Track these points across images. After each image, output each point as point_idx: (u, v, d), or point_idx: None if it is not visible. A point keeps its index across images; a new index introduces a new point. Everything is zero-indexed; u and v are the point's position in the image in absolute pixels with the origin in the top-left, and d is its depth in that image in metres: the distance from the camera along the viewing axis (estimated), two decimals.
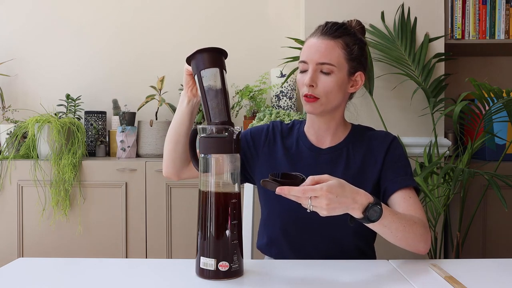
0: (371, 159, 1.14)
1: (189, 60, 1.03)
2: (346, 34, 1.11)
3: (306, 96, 1.09)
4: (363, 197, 0.90)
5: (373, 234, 1.20)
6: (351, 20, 1.19)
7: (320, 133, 1.18)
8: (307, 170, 1.14)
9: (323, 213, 0.86)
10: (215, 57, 0.99)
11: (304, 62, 1.11)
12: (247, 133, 1.24)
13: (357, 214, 0.90)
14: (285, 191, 0.85)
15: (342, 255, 1.11)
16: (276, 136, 1.21)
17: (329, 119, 1.15)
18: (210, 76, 0.96)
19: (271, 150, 1.20)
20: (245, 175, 1.24)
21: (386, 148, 1.14)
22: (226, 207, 0.87)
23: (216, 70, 0.96)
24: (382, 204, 0.92)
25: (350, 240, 1.14)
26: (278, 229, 1.17)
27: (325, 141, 1.18)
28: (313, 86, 1.08)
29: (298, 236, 1.15)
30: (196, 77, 0.99)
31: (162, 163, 1.21)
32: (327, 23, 1.13)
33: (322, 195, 0.84)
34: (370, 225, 0.93)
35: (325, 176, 0.88)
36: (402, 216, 0.99)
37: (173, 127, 1.16)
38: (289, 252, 1.16)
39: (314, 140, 1.18)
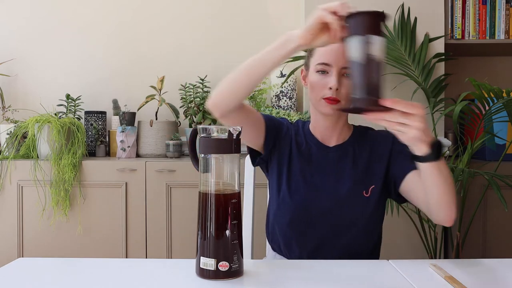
0: (376, 157, 1.17)
1: (350, 17, 0.86)
2: None
3: (328, 98, 1.10)
4: (432, 136, 0.92)
5: (380, 234, 1.22)
6: None
7: (327, 133, 1.20)
8: (317, 167, 1.18)
9: (413, 133, 0.86)
10: (383, 27, 0.86)
11: (326, 64, 1.11)
12: (272, 117, 1.23)
13: (425, 148, 0.90)
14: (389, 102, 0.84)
15: (351, 254, 1.13)
16: (291, 134, 1.23)
17: (336, 118, 1.18)
18: (377, 45, 0.83)
19: (286, 145, 1.21)
20: (265, 157, 1.22)
21: (390, 142, 1.17)
22: (226, 207, 0.87)
23: (384, 41, 0.85)
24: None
25: (361, 237, 1.16)
26: (287, 221, 1.17)
27: (331, 140, 1.20)
28: (337, 89, 1.09)
29: (304, 230, 1.16)
30: (355, 39, 0.84)
31: (215, 93, 1.07)
32: None
33: (420, 121, 0.85)
34: (427, 166, 0.93)
35: (421, 105, 0.88)
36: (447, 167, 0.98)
37: (260, 63, 1.01)
38: (295, 245, 1.17)
39: (320, 139, 1.21)
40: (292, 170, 1.18)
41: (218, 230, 0.87)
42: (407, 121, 0.85)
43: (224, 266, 0.86)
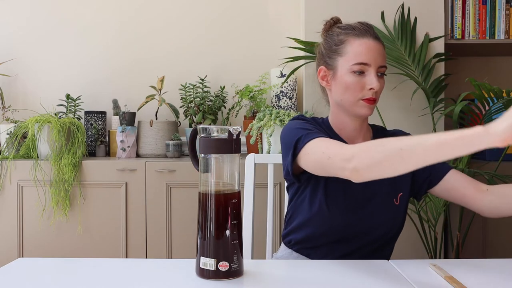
0: None
1: None
2: None
3: (368, 99, 1.09)
4: None
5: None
6: (328, 20, 1.19)
7: (354, 134, 1.17)
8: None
9: None
10: None
11: (365, 64, 1.09)
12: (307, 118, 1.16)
13: None
14: None
15: (375, 257, 1.13)
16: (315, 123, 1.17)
17: (363, 119, 1.17)
18: None
19: None
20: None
21: None
22: (226, 207, 0.87)
23: None
24: None
25: (389, 242, 1.17)
26: (320, 232, 1.14)
27: (356, 141, 1.18)
28: (373, 89, 1.09)
29: (337, 240, 1.14)
30: None
31: (364, 163, 0.86)
32: (368, 24, 1.14)
33: None
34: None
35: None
36: None
37: (432, 153, 0.75)
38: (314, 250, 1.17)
39: (347, 140, 1.18)
40: (329, 181, 1.12)
41: (218, 230, 0.87)
42: None
43: (224, 266, 0.86)
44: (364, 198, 1.13)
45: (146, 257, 2.05)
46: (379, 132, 1.23)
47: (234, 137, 0.87)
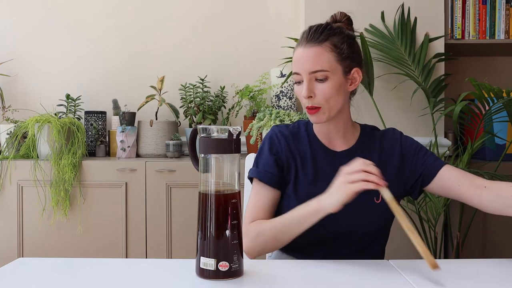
0: (386, 159, 1.15)
1: None
2: (332, 35, 1.08)
3: (308, 108, 1.08)
4: None
5: (388, 235, 1.22)
6: (335, 14, 1.18)
7: (332, 136, 1.16)
8: (325, 175, 1.12)
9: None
10: None
11: (297, 73, 1.09)
12: (270, 163, 1.16)
13: None
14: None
15: (361, 258, 1.12)
16: (288, 147, 1.17)
17: (337, 121, 1.14)
18: None
19: (286, 161, 1.16)
20: (284, 180, 1.18)
21: (399, 144, 1.17)
22: (226, 207, 0.87)
23: None
24: None
25: (373, 242, 1.16)
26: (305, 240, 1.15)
27: (337, 143, 1.16)
28: (311, 96, 1.07)
29: (322, 234, 1.14)
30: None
31: (246, 245, 1.07)
32: (310, 28, 1.10)
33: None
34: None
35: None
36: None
37: (290, 229, 1.05)
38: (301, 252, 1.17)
39: (326, 143, 1.17)
40: (299, 182, 1.14)
41: (218, 230, 0.87)
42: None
43: (224, 266, 0.86)
44: None
45: (146, 257, 2.05)
46: (367, 132, 1.20)
47: (234, 137, 0.87)
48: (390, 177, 1.13)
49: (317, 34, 1.08)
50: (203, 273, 0.87)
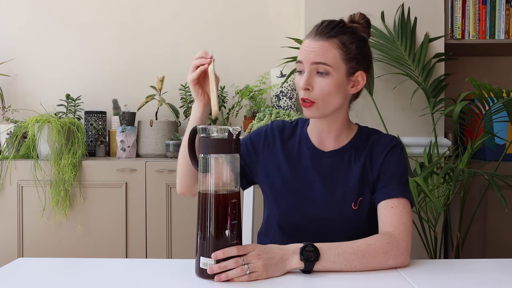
0: (369, 167, 1.10)
1: None
2: (343, 33, 1.07)
3: (302, 99, 1.06)
4: (292, 246, 0.92)
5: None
6: (354, 14, 1.16)
7: (323, 136, 1.13)
8: (307, 173, 1.12)
9: (262, 275, 0.87)
10: None
11: (299, 62, 1.07)
12: (247, 139, 1.20)
13: (296, 262, 0.90)
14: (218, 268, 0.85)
15: None
16: (276, 136, 1.17)
17: (331, 121, 1.11)
18: None
19: (271, 151, 1.16)
20: (248, 180, 1.21)
21: (384, 155, 1.09)
22: (225, 207, 0.87)
23: None
24: (320, 243, 0.92)
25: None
26: (278, 232, 1.16)
27: (328, 143, 1.13)
28: (308, 89, 1.04)
29: (296, 238, 1.14)
30: None
31: (176, 180, 1.15)
32: (323, 22, 1.09)
33: (255, 258, 0.87)
34: (318, 268, 0.91)
35: (250, 245, 0.90)
36: (349, 245, 0.94)
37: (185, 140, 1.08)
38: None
39: (316, 142, 1.14)
40: (279, 178, 1.14)
41: (218, 230, 0.87)
42: (250, 268, 0.87)
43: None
44: (318, 188, 1.11)
45: (146, 257, 2.05)
46: (363, 134, 1.15)
47: (234, 137, 0.87)
48: (368, 188, 1.09)
49: (327, 29, 1.07)
50: (203, 273, 0.87)
